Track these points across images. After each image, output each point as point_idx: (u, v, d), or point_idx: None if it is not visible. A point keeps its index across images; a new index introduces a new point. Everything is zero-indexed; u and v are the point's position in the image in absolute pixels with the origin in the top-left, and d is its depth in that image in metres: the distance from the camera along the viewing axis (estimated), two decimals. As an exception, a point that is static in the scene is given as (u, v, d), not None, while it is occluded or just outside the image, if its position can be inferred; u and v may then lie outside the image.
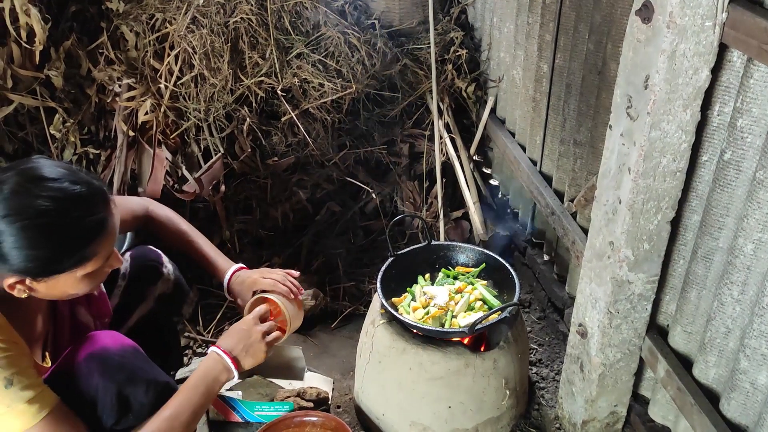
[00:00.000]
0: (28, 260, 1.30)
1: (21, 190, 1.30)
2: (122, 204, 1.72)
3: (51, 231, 1.31)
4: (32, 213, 1.29)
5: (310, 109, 2.79)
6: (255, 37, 2.68)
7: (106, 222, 1.38)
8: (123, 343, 1.56)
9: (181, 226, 1.86)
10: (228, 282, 1.83)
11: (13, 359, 1.32)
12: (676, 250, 1.71)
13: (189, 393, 1.54)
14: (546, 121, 2.46)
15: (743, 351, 1.46)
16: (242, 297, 1.82)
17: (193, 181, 2.59)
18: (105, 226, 1.38)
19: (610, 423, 2.03)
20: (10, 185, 1.30)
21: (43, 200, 1.30)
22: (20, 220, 1.28)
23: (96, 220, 1.36)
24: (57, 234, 1.31)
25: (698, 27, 1.38)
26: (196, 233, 1.87)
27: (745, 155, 1.40)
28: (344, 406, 2.25)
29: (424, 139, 2.99)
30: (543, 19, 2.34)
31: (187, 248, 1.85)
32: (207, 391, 1.57)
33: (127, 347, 1.56)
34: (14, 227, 1.27)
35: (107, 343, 1.52)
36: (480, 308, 2.06)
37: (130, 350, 1.56)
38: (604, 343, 1.84)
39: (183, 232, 1.85)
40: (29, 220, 1.28)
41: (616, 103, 1.62)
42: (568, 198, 2.30)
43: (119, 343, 1.55)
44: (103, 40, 2.61)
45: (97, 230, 1.37)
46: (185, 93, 2.62)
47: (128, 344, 1.57)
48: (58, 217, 1.31)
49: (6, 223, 1.27)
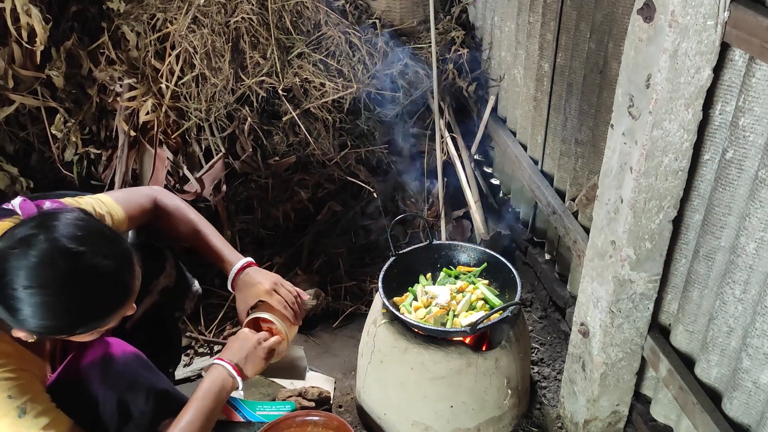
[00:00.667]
0: (43, 327, 1.29)
1: (46, 261, 1.25)
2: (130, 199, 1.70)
3: (72, 306, 1.29)
4: (56, 290, 1.26)
5: (311, 109, 2.79)
6: (256, 37, 2.68)
7: (129, 290, 1.37)
8: (124, 349, 1.56)
9: (189, 215, 1.81)
10: (234, 277, 1.80)
11: (24, 387, 1.31)
12: (678, 249, 1.71)
13: (199, 403, 1.55)
14: (547, 120, 2.46)
15: (745, 350, 1.46)
16: (244, 299, 1.80)
17: (195, 181, 2.59)
18: (128, 294, 1.37)
19: (612, 422, 2.03)
20: (36, 252, 1.25)
21: (69, 276, 1.27)
22: (43, 294, 1.25)
23: (119, 294, 1.36)
24: (78, 309, 1.30)
25: (700, 26, 1.37)
26: (205, 223, 1.83)
27: (747, 154, 1.40)
28: (346, 405, 2.25)
29: (426, 139, 2.99)
30: (544, 18, 2.33)
31: (195, 238, 1.80)
32: (216, 399, 1.58)
33: (128, 354, 1.56)
34: (36, 299, 1.25)
35: (109, 350, 1.53)
36: (481, 308, 2.06)
37: (131, 357, 1.57)
38: (606, 342, 1.84)
39: (191, 220, 1.81)
40: (52, 297, 1.26)
41: (617, 102, 1.62)
42: (570, 197, 2.30)
43: (120, 350, 1.55)
44: (104, 40, 2.61)
45: (120, 301, 1.36)
46: (186, 93, 2.62)
47: (129, 351, 1.57)
48: (81, 294, 1.28)
49: (27, 294, 1.24)
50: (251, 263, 1.83)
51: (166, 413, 1.60)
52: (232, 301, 2.61)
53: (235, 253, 1.83)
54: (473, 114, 3.08)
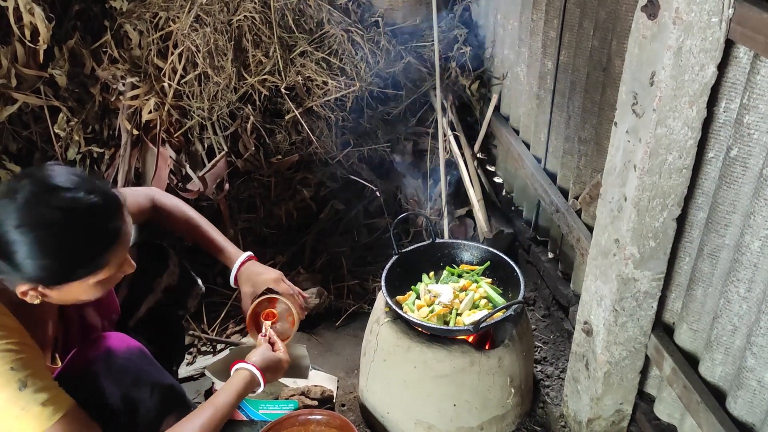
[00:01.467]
0: (41, 269, 1.29)
1: (34, 200, 1.29)
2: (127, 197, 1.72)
3: (64, 241, 1.30)
4: (46, 223, 1.28)
5: (313, 107, 2.79)
6: (258, 36, 2.68)
7: (119, 230, 1.38)
8: (129, 344, 1.56)
9: (188, 213, 1.85)
10: (237, 270, 1.83)
11: (26, 361, 1.31)
12: (682, 248, 1.70)
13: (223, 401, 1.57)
14: (550, 118, 2.45)
15: (750, 349, 1.45)
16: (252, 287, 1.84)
17: (197, 180, 2.59)
18: (118, 234, 1.38)
19: (616, 421, 2.02)
20: (23, 194, 1.28)
21: (57, 210, 1.29)
22: (34, 230, 1.27)
23: (110, 230, 1.36)
24: (70, 244, 1.31)
25: (704, 23, 1.37)
26: (204, 220, 1.86)
27: (751, 152, 1.39)
28: (349, 404, 2.24)
29: (428, 137, 2.98)
30: (547, 15, 2.33)
31: (196, 234, 1.84)
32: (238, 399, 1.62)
33: (132, 349, 1.56)
34: (28, 237, 1.27)
35: (112, 345, 1.52)
36: (484, 306, 2.05)
37: (136, 352, 1.56)
38: (610, 341, 1.84)
39: (191, 218, 1.84)
40: (43, 230, 1.28)
41: (621, 100, 1.61)
42: (573, 195, 2.29)
43: (125, 345, 1.55)
44: (106, 39, 2.61)
45: (111, 239, 1.36)
46: (189, 91, 2.62)
47: (134, 346, 1.57)
48: (71, 228, 1.31)
49: (19, 233, 1.26)
50: (252, 257, 1.86)
51: (170, 408, 1.61)
52: (234, 300, 2.61)
53: (236, 248, 1.86)
54: (476, 112, 3.08)
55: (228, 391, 1.61)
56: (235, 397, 1.60)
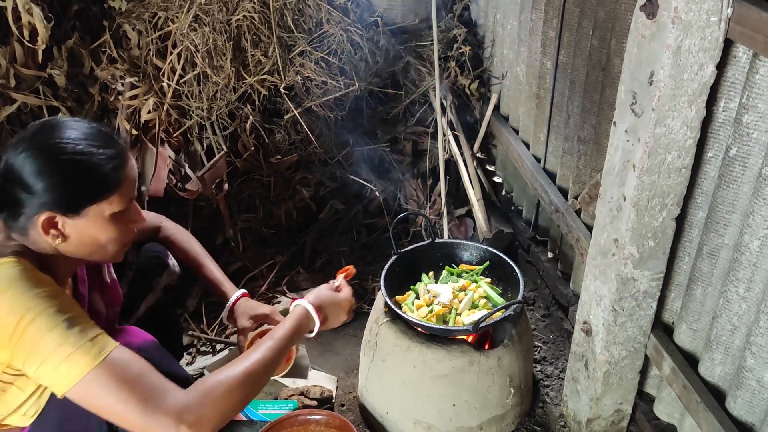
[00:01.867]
0: (53, 189, 1.32)
1: (41, 130, 1.36)
2: None
3: (72, 159, 1.34)
4: (53, 145, 1.33)
5: (313, 107, 2.78)
6: (257, 35, 2.68)
7: (125, 155, 1.41)
8: (144, 338, 1.57)
9: (191, 243, 1.93)
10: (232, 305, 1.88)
11: (68, 305, 1.32)
12: (682, 247, 1.70)
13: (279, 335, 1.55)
14: (550, 118, 2.45)
15: (749, 348, 1.45)
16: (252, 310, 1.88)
17: (197, 180, 2.59)
18: (125, 158, 1.41)
19: (615, 421, 2.02)
20: (33, 128, 1.37)
21: (63, 136, 1.35)
22: (41, 153, 1.32)
23: (115, 152, 1.39)
24: (78, 162, 1.35)
25: (703, 22, 1.37)
26: (204, 253, 1.94)
27: (751, 151, 1.39)
28: (348, 404, 2.24)
29: (428, 137, 2.98)
30: (546, 15, 2.33)
31: (196, 266, 1.91)
32: (292, 339, 1.59)
33: (148, 342, 1.56)
34: (36, 159, 1.31)
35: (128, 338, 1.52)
36: (484, 306, 2.05)
37: (152, 344, 1.57)
38: (609, 340, 1.84)
39: (194, 249, 1.92)
40: (49, 150, 1.33)
41: (620, 100, 1.61)
42: (572, 195, 2.29)
43: (141, 339, 1.55)
44: (105, 39, 2.60)
45: (118, 160, 1.39)
46: (188, 91, 2.62)
47: (149, 339, 1.58)
48: (78, 147, 1.35)
49: (25, 157, 1.31)
50: (246, 294, 1.92)
51: None
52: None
53: (233, 284, 1.92)
54: (475, 112, 3.07)
55: (283, 326, 1.59)
56: (290, 332, 1.58)
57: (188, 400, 1.31)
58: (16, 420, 1.42)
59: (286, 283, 2.69)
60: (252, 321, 1.87)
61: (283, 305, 2.57)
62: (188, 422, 1.28)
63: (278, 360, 1.53)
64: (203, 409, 1.31)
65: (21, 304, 1.26)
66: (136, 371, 1.31)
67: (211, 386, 1.35)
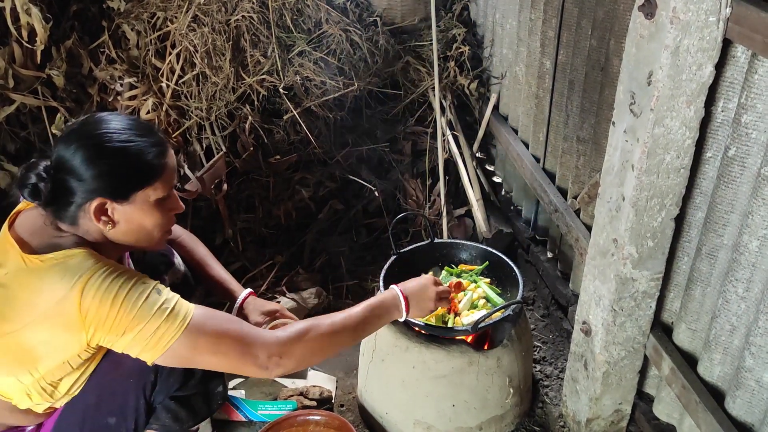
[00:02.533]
0: (102, 176, 1.39)
1: (87, 124, 1.45)
2: None
3: (119, 147, 1.42)
4: (100, 135, 1.41)
5: (312, 107, 2.78)
6: (256, 35, 2.68)
7: (165, 144, 1.49)
8: None
9: (198, 247, 1.97)
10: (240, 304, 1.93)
11: (141, 280, 1.40)
12: (681, 247, 1.70)
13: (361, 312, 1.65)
14: (549, 117, 2.45)
15: (748, 349, 1.45)
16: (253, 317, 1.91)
17: (196, 180, 2.58)
18: (166, 146, 1.49)
19: (615, 421, 2.02)
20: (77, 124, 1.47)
21: (109, 128, 1.43)
22: (90, 143, 1.40)
23: (157, 140, 1.47)
24: (125, 149, 1.42)
25: (702, 22, 1.36)
26: (211, 256, 1.98)
27: (749, 151, 1.39)
28: (348, 404, 2.24)
29: (427, 137, 2.98)
30: (545, 15, 2.32)
31: (202, 266, 1.94)
32: (375, 318, 1.68)
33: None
34: (85, 149, 1.39)
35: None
36: (483, 306, 2.05)
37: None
38: (609, 340, 1.84)
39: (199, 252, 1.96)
40: (97, 140, 1.41)
41: (619, 100, 1.61)
42: (572, 195, 2.29)
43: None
44: (104, 39, 2.60)
45: (160, 147, 1.47)
46: (187, 92, 2.62)
47: None
48: (123, 136, 1.43)
49: (76, 148, 1.39)
50: (253, 293, 1.96)
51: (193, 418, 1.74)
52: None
53: (239, 284, 1.97)
54: (475, 112, 3.07)
55: (365, 303, 1.68)
56: (375, 303, 1.68)
57: (280, 335, 1.48)
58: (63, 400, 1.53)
59: (285, 283, 2.69)
60: (264, 316, 1.90)
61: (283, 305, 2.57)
62: (279, 353, 1.45)
63: (361, 328, 1.65)
64: (293, 346, 1.48)
65: (106, 287, 1.34)
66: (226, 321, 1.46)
67: (303, 328, 1.52)
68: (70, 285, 1.33)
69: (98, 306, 1.33)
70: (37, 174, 1.41)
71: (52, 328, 1.36)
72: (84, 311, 1.33)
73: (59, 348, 1.40)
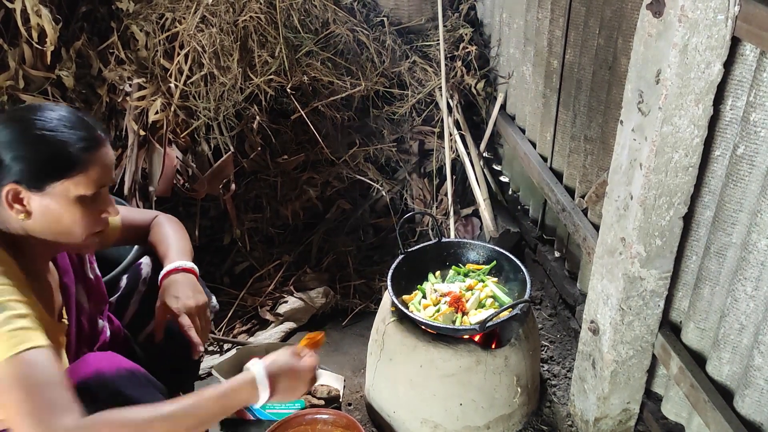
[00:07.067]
0: (19, 161, 1.32)
1: (21, 108, 1.41)
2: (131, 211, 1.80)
3: (40, 134, 1.34)
4: (25, 120, 1.35)
5: (319, 107, 2.79)
6: (264, 36, 2.68)
7: (98, 140, 1.39)
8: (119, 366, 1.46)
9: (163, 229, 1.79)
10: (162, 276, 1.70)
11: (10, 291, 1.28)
12: (689, 246, 1.69)
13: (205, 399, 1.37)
14: (556, 117, 2.45)
15: (757, 347, 1.45)
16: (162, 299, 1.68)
17: (204, 180, 2.60)
18: (96, 143, 1.39)
19: (623, 420, 2.02)
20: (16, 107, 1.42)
21: (38, 115, 1.36)
22: (14, 126, 1.34)
23: (87, 135, 1.38)
24: (45, 137, 1.35)
25: (710, 20, 1.36)
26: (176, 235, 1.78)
27: (758, 150, 1.39)
28: (355, 403, 2.25)
29: (434, 136, 2.98)
30: (553, 14, 2.32)
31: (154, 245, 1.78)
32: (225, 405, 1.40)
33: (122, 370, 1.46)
34: (8, 131, 1.33)
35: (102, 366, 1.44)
36: (491, 305, 2.05)
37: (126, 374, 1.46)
38: (616, 340, 1.83)
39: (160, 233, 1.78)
40: (21, 124, 1.34)
41: (627, 98, 1.61)
42: (579, 194, 2.29)
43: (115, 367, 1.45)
44: (113, 40, 2.62)
45: (87, 142, 1.38)
46: (195, 92, 2.63)
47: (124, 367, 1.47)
48: (48, 125, 1.36)
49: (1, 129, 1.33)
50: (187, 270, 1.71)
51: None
52: (241, 299, 2.62)
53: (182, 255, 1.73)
54: (482, 111, 3.07)
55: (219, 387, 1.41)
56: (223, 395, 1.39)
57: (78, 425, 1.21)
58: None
59: (293, 283, 2.70)
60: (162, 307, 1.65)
61: (290, 305, 2.58)
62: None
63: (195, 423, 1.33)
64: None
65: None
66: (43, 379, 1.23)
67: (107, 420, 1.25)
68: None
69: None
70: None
71: None
72: None
73: None
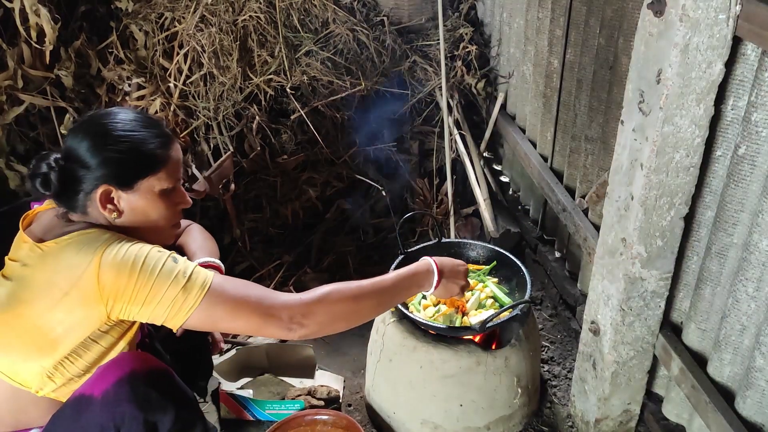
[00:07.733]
0: (107, 163, 1.42)
1: (94, 117, 1.49)
2: None
3: (123, 136, 1.45)
4: (105, 125, 1.45)
5: (319, 107, 2.79)
6: (264, 35, 2.68)
7: (170, 136, 1.51)
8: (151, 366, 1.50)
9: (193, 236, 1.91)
10: None
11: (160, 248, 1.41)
12: (690, 247, 1.69)
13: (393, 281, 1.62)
14: (557, 116, 2.44)
15: (759, 348, 1.44)
16: None
17: (203, 180, 2.59)
18: (170, 139, 1.51)
19: (624, 421, 2.01)
20: (86, 116, 1.51)
21: (114, 119, 1.47)
22: (95, 132, 1.44)
23: (161, 132, 1.50)
24: (128, 137, 1.45)
25: (711, 20, 1.36)
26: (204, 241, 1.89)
27: (759, 150, 1.38)
28: (355, 404, 2.24)
29: (434, 136, 2.98)
30: (553, 14, 2.32)
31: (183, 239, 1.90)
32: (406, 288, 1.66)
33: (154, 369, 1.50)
34: (91, 138, 1.43)
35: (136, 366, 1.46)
36: (491, 306, 2.05)
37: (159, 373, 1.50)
38: (617, 340, 1.83)
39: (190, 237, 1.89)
40: (102, 130, 1.45)
41: (627, 98, 1.60)
42: (580, 194, 2.28)
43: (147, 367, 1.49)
44: (112, 40, 2.62)
45: (163, 139, 1.49)
46: (194, 92, 2.63)
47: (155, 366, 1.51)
48: (127, 126, 1.46)
49: (82, 137, 1.43)
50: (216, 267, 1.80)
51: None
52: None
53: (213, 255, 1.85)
54: (482, 111, 3.07)
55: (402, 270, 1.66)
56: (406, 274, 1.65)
57: (303, 297, 1.46)
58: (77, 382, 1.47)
59: (293, 283, 2.69)
60: None
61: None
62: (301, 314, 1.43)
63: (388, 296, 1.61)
64: (315, 307, 1.46)
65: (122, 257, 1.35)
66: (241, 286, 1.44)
67: (327, 290, 1.49)
68: (88, 259, 1.34)
69: (116, 277, 1.34)
70: (47, 164, 1.43)
71: (70, 306, 1.35)
72: (102, 283, 1.33)
73: (78, 325, 1.39)
